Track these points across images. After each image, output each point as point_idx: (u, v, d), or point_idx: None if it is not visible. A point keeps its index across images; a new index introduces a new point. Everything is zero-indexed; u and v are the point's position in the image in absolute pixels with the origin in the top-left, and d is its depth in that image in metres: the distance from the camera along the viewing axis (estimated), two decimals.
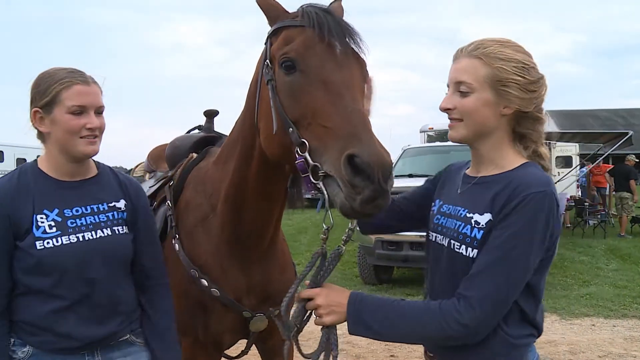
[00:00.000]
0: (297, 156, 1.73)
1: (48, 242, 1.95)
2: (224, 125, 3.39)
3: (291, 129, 1.78)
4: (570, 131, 17.94)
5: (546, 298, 8.01)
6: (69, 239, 1.99)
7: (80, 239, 2.01)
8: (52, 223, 1.98)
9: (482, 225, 1.71)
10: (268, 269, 2.51)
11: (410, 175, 8.88)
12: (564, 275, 9.68)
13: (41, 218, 1.97)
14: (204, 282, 2.40)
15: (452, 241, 1.79)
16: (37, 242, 1.94)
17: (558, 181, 17.01)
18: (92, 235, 2.03)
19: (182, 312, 2.49)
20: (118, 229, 2.11)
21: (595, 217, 15.59)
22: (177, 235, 2.53)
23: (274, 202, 2.33)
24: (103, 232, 2.06)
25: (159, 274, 2.29)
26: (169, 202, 2.65)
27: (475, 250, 1.70)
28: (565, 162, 19.33)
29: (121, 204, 2.16)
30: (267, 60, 1.96)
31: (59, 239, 1.97)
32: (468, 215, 1.77)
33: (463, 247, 1.74)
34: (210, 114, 3.38)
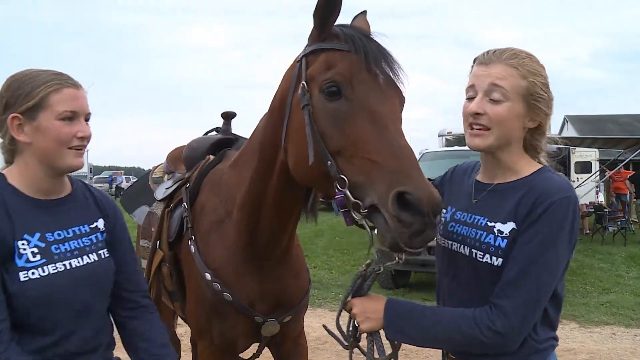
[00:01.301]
0: (336, 191, 1.70)
1: (33, 273, 1.71)
2: (242, 127, 3.40)
3: (330, 162, 1.72)
4: (591, 137, 17.77)
5: (565, 305, 7.90)
6: (56, 268, 1.76)
7: (68, 266, 1.79)
8: (35, 250, 1.74)
9: (506, 234, 1.72)
10: (282, 275, 2.50)
11: (429, 180, 8.77)
12: (583, 282, 9.54)
13: (22, 244, 1.72)
14: (217, 286, 2.39)
15: (475, 250, 1.79)
16: (20, 273, 1.69)
17: (577, 187, 16.83)
18: (79, 262, 1.82)
19: (199, 315, 2.51)
20: (103, 253, 1.92)
21: (615, 224, 15.39)
22: (192, 237, 2.53)
23: (291, 212, 2.31)
24: (90, 257, 1.86)
25: (143, 298, 2.10)
26: (185, 203, 2.65)
27: (501, 259, 1.72)
28: (584, 167, 19.11)
29: (100, 223, 1.96)
30: (304, 82, 1.86)
31: (45, 268, 1.74)
32: (489, 224, 1.78)
33: (487, 256, 1.75)
34: (228, 116, 3.36)
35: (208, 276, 2.40)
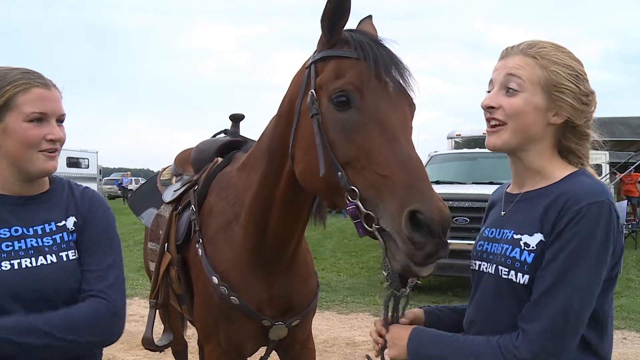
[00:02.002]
0: (347, 202, 1.68)
1: None
2: (250, 129, 3.39)
3: (340, 173, 1.70)
4: (601, 139, 17.66)
5: None
6: (0, 266, 1.64)
7: (15, 266, 1.65)
8: None
9: (533, 247, 1.56)
10: (290, 279, 2.49)
11: (437, 182, 8.76)
12: None
13: None
14: (224, 289, 2.38)
15: (500, 267, 1.64)
16: None
17: None
18: (30, 263, 1.67)
19: (206, 318, 2.50)
20: (67, 255, 1.74)
21: (625, 227, 15.27)
22: (200, 240, 2.52)
23: (299, 216, 2.30)
24: (46, 258, 1.69)
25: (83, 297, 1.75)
26: (193, 206, 2.64)
27: (527, 276, 1.56)
28: (595, 170, 18.95)
29: (70, 222, 1.79)
30: (313, 90, 1.84)
31: None
32: (515, 236, 1.62)
33: (512, 272, 1.59)
34: (236, 118, 3.36)
35: (215, 279, 2.40)
